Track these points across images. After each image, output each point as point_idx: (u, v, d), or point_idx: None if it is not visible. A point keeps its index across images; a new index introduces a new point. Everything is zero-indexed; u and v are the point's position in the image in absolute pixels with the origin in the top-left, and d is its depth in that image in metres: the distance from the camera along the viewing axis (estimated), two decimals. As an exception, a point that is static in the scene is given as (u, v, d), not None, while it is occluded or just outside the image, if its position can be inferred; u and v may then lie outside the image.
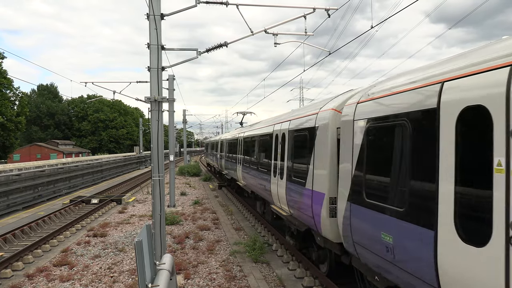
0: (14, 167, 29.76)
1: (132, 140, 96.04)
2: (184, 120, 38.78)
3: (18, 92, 55.40)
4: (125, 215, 17.06)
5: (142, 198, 22.35)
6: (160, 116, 8.56)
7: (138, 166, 54.44)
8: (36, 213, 17.70)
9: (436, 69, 4.64)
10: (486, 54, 3.87)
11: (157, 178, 8.49)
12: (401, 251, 4.82)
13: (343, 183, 6.56)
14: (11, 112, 51.81)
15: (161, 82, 8.60)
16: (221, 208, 18.66)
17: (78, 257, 10.84)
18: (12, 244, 12.06)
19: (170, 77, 16.90)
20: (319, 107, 8.25)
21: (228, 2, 9.36)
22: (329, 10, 10.50)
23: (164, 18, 8.62)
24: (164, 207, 8.62)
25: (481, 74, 3.74)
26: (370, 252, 5.74)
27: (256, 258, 10.25)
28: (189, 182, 31.33)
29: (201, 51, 9.45)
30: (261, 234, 13.26)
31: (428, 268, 4.27)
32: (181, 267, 9.65)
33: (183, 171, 37.88)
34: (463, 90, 3.89)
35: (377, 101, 5.74)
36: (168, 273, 5.70)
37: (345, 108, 6.77)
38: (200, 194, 24.12)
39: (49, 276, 9.30)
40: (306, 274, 9.01)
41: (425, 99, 4.50)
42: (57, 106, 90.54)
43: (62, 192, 26.83)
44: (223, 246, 11.81)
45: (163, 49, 8.70)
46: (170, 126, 19.65)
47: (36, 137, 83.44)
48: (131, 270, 9.69)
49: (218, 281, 8.90)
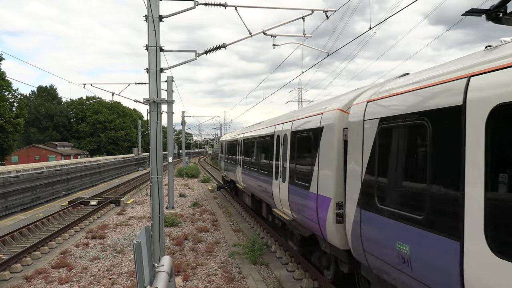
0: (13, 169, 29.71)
1: (130, 142, 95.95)
2: (183, 122, 38.75)
3: (16, 94, 55.39)
4: (123, 217, 17.04)
5: (140, 200, 22.32)
6: (159, 118, 8.56)
7: (136, 167, 54.40)
8: (35, 215, 17.65)
9: (461, 62, 4.24)
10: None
11: (155, 180, 8.48)
12: (419, 263, 4.39)
13: (352, 187, 6.12)
14: (10, 114, 51.77)
15: (159, 83, 8.60)
16: (220, 210, 18.66)
17: (77, 259, 10.81)
18: (10, 246, 12.03)
19: (168, 79, 16.90)
20: (323, 107, 7.93)
21: (226, 4, 9.37)
22: (327, 11, 10.52)
23: (162, 20, 8.62)
24: (162, 208, 8.61)
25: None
26: (382, 262, 5.30)
27: (255, 260, 10.25)
28: (188, 183, 31.31)
29: (199, 53, 9.45)
30: (260, 236, 13.25)
31: (452, 282, 3.78)
32: (179, 269, 9.64)
33: (182, 172, 37.86)
34: (493, 86, 3.49)
35: (392, 99, 5.29)
36: (167, 275, 5.70)
37: (353, 107, 6.37)
38: (198, 195, 24.11)
39: (48, 278, 9.28)
40: (305, 276, 9.01)
41: (448, 96, 4.05)
42: (56, 107, 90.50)
43: (60, 194, 26.79)
44: (222, 248, 11.80)
45: (161, 51, 8.70)
46: (169, 127, 19.65)
47: (34, 139, 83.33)
48: (129, 272, 9.68)
49: (217, 282, 8.90)
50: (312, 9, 10.49)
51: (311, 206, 7.75)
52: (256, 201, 15.32)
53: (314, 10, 10.51)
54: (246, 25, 9.92)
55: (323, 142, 7.35)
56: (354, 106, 6.34)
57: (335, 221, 6.79)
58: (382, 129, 5.41)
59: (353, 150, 6.17)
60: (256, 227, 14.64)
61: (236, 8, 9.57)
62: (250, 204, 16.28)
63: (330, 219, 6.86)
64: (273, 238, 12.44)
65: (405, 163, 4.91)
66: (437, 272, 4.04)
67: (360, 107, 6.07)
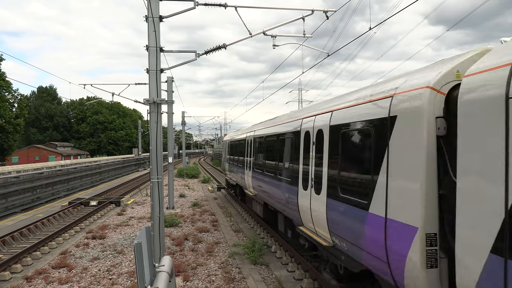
0: (13, 169, 29.72)
1: (130, 142, 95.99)
2: (183, 122, 38.77)
3: (17, 95, 55.43)
4: (124, 217, 17.05)
5: (141, 200, 22.32)
6: (159, 118, 8.57)
7: (136, 168, 54.38)
8: (35, 215, 17.66)
9: None
10: None
11: (156, 180, 8.49)
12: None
13: (475, 219, 3.58)
14: (10, 114, 51.82)
15: (159, 84, 8.61)
16: (220, 210, 18.66)
17: (77, 260, 10.82)
18: (10, 246, 12.03)
19: (168, 79, 16.92)
20: (392, 86, 5.40)
21: (226, 4, 9.38)
22: (327, 12, 10.53)
23: (162, 20, 8.63)
24: (163, 209, 8.62)
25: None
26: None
27: (255, 260, 10.25)
28: (188, 184, 31.31)
29: (200, 53, 9.46)
30: (260, 236, 13.25)
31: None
32: (180, 269, 9.65)
33: (182, 173, 37.86)
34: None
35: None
36: (167, 275, 5.70)
37: (472, 79, 3.77)
38: (199, 196, 24.11)
39: (48, 278, 9.28)
40: (305, 276, 9.01)
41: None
42: (56, 108, 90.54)
43: (60, 194, 26.78)
44: (222, 248, 11.80)
45: (161, 51, 8.70)
46: (169, 128, 19.66)
47: (34, 139, 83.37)
48: (130, 272, 9.68)
49: (217, 283, 8.90)
50: (312, 9, 10.50)
51: (371, 235, 5.41)
52: (270, 212, 12.83)
53: (314, 10, 10.52)
54: (246, 26, 9.93)
55: (397, 139, 4.99)
56: (474, 76, 3.78)
57: (425, 264, 4.40)
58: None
59: (474, 150, 3.66)
60: (256, 227, 14.64)
61: (236, 9, 9.58)
62: (262, 214, 13.74)
63: (415, 260, 4.45)
64: (273, 238, 12.44)
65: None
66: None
67: (492, 75, 3.53)
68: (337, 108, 7.01)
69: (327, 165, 7.05)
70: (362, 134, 5.94)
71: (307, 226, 8.26)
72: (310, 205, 7.82)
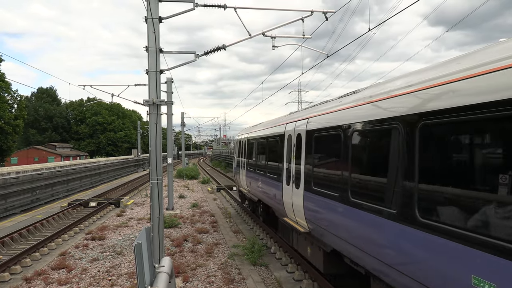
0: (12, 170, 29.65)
1: (130, 143, 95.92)
2: (182, 123, 38.77)
3: (16, 95, 55.39)
4: (123, 218, 17.03)
5: (140, 201, 22.31)
6: (159, 119, 8.57)
7: (136, 169, 54.34)
8: (34, 216, 17.65)
9: None
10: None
11: (155, 181, 8.49)
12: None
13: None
14: (9, 115, 51.76)
15: (159, 85, 8.61)
16: (219, 211, 18.65)
17: (76, 261, 10.81)
18: (10, 247, 12.02)
19: (168, 80, 16.92)
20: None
21: (226, 5, 9.39)
22: (326, 13, 10.54)
23: (162, 21, 8.63)
24: (162, 210, 8.62)
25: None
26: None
27: (254, 261, 10.25)
28: (188, 185, 31.30)
29: (199, 54, 9.47)
30: (260, 237, 13.25)
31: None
32: (179, 270, 9.65)
33: (182, 174, 37.85)
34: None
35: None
36: (167, 276, 5.71)
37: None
38: (198, 197, 24.10)
39: (47, 279, 9.27)
40: (305, 277, 9.01)
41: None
42: (55, 109, 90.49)
43: (60, 195, 26.76)
44: (221, 249, 11.80)
45: (161, 52, 8.71)
46: (168, 129, 19.66)
47: (34, 140, 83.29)
48: (129, 273, 9.68)
49: (217, 284, 8.90)
50: (311, 11, 10.51)
51: None
52: (343, 264, 6.99)
53: (313, 11, 10.53)
54: (245, 26, 9.94)
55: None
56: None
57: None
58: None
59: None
60: (255, 228, 14.64)
61: (236, 10, 9.59)
62: (323, 268, 7.88)
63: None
64: (272, 239, 12.44)
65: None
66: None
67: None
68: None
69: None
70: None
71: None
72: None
